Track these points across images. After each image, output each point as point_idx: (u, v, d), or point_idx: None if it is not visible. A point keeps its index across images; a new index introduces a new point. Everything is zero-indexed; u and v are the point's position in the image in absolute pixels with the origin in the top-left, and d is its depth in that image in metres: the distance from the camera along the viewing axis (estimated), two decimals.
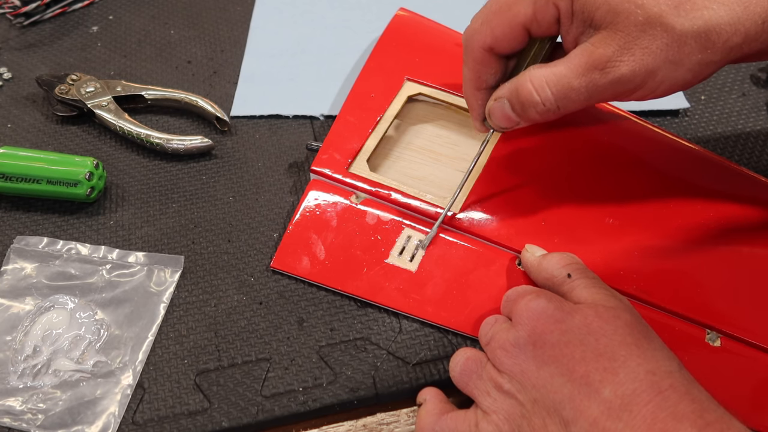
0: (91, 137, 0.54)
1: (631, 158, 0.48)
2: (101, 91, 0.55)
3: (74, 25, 0.62)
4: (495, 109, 0.42)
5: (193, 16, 0.63)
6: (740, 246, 0.44)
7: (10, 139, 0.54)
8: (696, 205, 0.46)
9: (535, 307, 0.37)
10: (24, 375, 0.42)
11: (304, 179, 0.51)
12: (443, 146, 0.51)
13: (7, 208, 0.50)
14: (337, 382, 0.42)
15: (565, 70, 0.38)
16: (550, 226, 0.45)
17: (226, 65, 0.59)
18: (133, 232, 0.49)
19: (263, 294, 0.45)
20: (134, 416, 0.41)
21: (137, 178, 0.52)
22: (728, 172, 0.48)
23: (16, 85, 0.58)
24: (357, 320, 0.44)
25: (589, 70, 0.37)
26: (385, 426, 0.41)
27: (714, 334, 0.42)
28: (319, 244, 0.46)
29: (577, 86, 0.38)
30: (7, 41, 0.61)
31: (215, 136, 0.54)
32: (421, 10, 0.58)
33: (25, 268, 0.47)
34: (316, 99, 0.56)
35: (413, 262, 0.45)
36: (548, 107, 0.39)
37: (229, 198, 0.50)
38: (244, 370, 0.42)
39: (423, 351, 0.43)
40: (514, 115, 0.41)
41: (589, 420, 0.33)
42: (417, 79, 0.53)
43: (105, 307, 0.45)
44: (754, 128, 0.53)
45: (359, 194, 0.47)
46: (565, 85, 0.38)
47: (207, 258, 0.47)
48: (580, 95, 0.38)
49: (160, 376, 0.42)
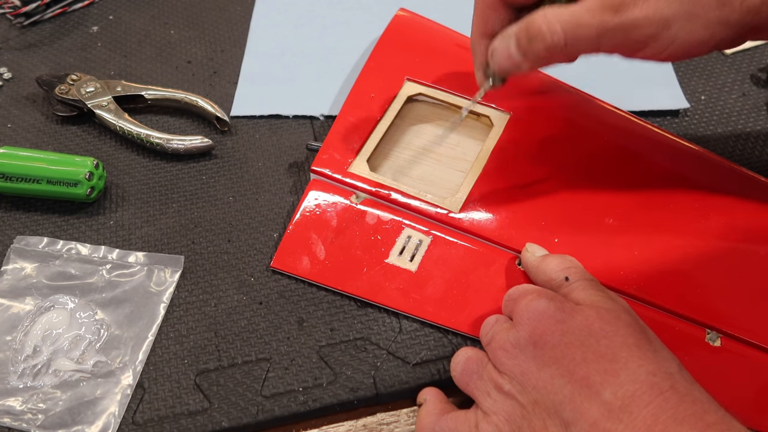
0: (91, 137, 0.54)
1: (632, 158, 0.48)
2: (101, 91, 0.55)
3: (74, 25, 0.62)
4: (499, 48, 0.40)
5: (193, 16, 0.63)
6: (740, 246, 0.44)
7: (10, 139, 0.54)
8: (696, 204, 0.46)
9: (536, 308, 0.37)
10: (24, 375, 0.42)
11: (304, 179, 0.51)
12: (443, 146, 0.51)
13: (7, 208, 0.50)
14: (337, 382, 0.42)
15: (578, 8, 0.37)
16: (550, 226, 0.45)
17: (226, 65, 0.59)
18: (133, 232, 0.49)
19: (263, 294, 0.45)
20: (134, 416, 0.41)
21: (137, 178, 0.52)
22: (728, 172, 0.48)
23: (16, 85, 0.58)
24: (357, 320, 0.44)
25: (602, 9, 0.37)
26: (385, 426, 0.41)
27: (714, 334, 0.42)
28: (319, 244, 0.46)
29: (587, 23, 0.37)
30: (7, 41, 0.61)
31: (215, 136, 0.54)
32: (421, 11, 0.58)
33: (25, 268, 0.47)
34: (316, 99, 0.56)
35: (413, 262, 0.45)
36: (555, 41, 0.38)
37: (229, 198, 0.50)
38: (244, 370, 0.42)
39: (423, 351, 0.43)
40: (517, 53, 0.39)
41: (589, 422, 0.33)
42: (417, 79, 0.53)
43: (105, 307, 0.45)
44: (754, 128, 0.53)
45: (359, 194, 0.47)
46: (576, 21, 0.37)
47: (207, 258, 0.47)
48: (590, 33, 0.37)
49: (160, 376, 0.42)
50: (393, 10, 0.58)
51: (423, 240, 0.46)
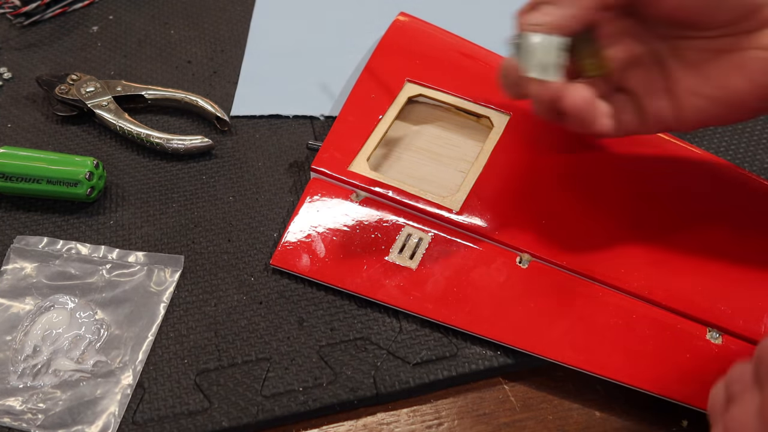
0: (91, 137, 0.54)
1: (632, 158, 0.48)
2: (101, 91, 0.55)
3: (74, 25, 0.62)
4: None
5: (193, 16, 0.63)
6: (741, 245, 0.44)
7: (10, 139, 0.54)
8: (696, 204, 0.46)
9: None
10: (24, 375, 0.42)
11: (304, 179, 0.51)
12: (444, 147, 0.51)
13: (7, 208, 0.50)
14: (337, 382, 0.42)
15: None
16: (550, 225, 0.45)
17: (226, 65, 0.59)
18: (133, 231, 0.49)
19: (263, 294, 0.45)
20: (134, 416, 0.41)
21: (137, 178, 0.52)
22: (728, 172, 0.48)
23: (16, 85, 0.58)
24: (357, 320, 0.44)
25: None
26: (385, 426, 0.41)
27: (715, 332, 0.42)
28: (319, 242, 0.46)
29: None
30: (7, 41, 0.61)
31: (215, 136, 0.54)
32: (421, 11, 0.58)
33: (25, 267, 0.47)
34: (316, 99, 0.56)
35: (413, 260, 0.45)
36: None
37: (229, 198, 0.50)
38: (244, 369, 0.42)
39: (423, 351, 0.43)
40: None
41: None
42: (417, 80, 0.53)
43: (105, 307, 0.45)
44: (754, 128, 0.53)
45: (359, 193, 0.47)
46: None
47: (207, 258, 0.47)
48: None
49: (160, 375, 0.42)
50: (393, 10, 0.58)
51: (423, 238, 0.45)
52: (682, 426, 0.40)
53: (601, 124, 0.38)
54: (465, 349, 0.43)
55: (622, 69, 0.40)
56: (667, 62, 0.39)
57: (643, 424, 0.41)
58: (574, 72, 0.40)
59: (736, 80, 0.36)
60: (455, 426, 0.41)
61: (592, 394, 0.42)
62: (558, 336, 0.42)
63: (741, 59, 0.35)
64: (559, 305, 0.43)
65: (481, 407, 0.42)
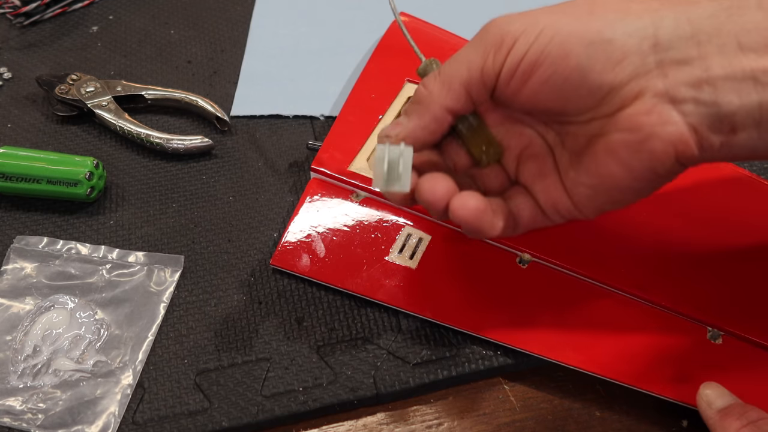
0: (91, 137, 0.54)
1: None
2: (101, 91, 0.55)
3: (74, 25, 0.62)
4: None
5: (193, 16, 0.63)
6: (741, 244, 0.44)
7: (10, 139, 0.54)
8: (696, 203, 0.46)
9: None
10: (24, 375, 0.42)
11: (304, 179, 0.51)
12: None
13: (7, 208, 0.50)
14: (337, 382, 0.42)
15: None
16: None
17: (226, 65, 0.59)
18: (133, 231, 0.49)
19: (263, 293, 0.45)
20: (134, 416, 0.41)
21: (137, 178, 0.52)
22: (729, 172, 0.48)
23: (16, 85, 0.58)
24: (357, 320, 0.44)
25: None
26: (385, 426, 0.41)
27: (715, 332, 0.42)
28: (319, 242, 0.46)
29: None
30: (7, 41, 0.61)
31: (215, 135, 0.54)
32: (421, 11, 0.58)
33: (25, 267, 0.47)
34: (316, 99, 0.56)
35: (413, 260, 0.45)
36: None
37: (229, 198, 0.50)
38: (244, 369, 0.42)
39: (423, 351, 0.43)
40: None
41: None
42: (417, 81, 0.53)
43: (105, 307, 0.45)
44: None
45: (359, 193, 0.47)
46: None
47: (207, 258, 0.47)
48: None
49: (160, 375, 0.42)
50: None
51: (423, 238, 0.45)
52: (682, 426, 0.40)
53: (495, 231, 0.37)
54: (465, 349, 0.43)
55: (517, 161, 0.38)
56: (556, 150, 0.37)
57: (643, 424, 0.41)
58: (471, 162, 0.38)
59: (610, 166, 0.33)
60: (455, 426, 0.41)
61: (592, 394, 0.42)
62: (558, 336, 0.42)
63: (608, 144, 0.33)
64: (558, 305, 0.43)
65: (481, 407, 0.42)
